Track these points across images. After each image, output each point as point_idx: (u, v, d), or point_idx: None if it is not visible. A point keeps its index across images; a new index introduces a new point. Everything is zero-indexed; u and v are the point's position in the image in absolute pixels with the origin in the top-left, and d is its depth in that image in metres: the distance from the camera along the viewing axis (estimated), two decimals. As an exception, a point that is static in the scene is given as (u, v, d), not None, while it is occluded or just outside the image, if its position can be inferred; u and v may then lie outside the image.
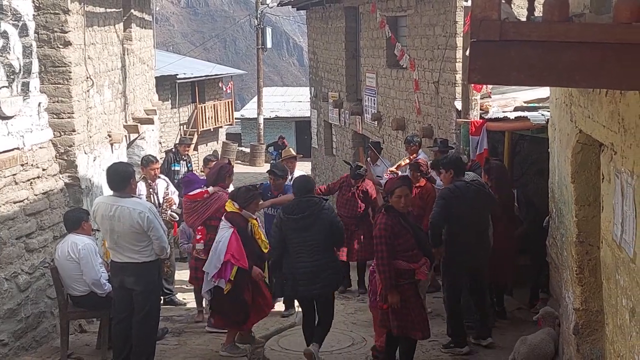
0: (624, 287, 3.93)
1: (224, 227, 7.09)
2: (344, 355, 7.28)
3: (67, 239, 7.19)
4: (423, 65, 12.32)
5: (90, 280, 7.01)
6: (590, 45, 2.52)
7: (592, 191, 5.57)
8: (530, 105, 9.49)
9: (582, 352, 5.59)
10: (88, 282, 7.03)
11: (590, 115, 4.82)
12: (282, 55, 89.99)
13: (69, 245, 7.08)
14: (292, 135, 35.46)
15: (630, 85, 2.79)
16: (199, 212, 7.97)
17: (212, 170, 8.53)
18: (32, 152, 7.68)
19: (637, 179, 3.54)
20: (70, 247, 7.06)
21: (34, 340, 7.43)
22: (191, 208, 8.04)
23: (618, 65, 2.53)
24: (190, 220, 8.11)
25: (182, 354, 7.53)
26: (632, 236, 3.67)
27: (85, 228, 7.23)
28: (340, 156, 19.33)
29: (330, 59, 19.28)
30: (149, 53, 15.19)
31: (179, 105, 29.15)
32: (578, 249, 5.67)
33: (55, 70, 8.43)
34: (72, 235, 7.19)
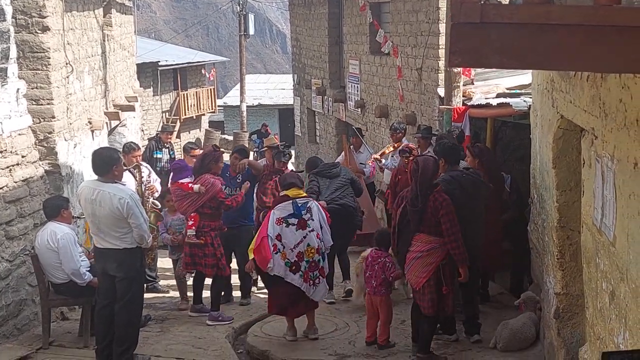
0: (604, 270, 3.96)
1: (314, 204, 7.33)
2: (328, 341, 7.29)
3: (47, 227, 7.13)
4: (406, 52, 12.31)
5: (70, 271, 6.97)
6: (571, 28, 2.51)
7: (573, 176, 5.60)
8: (512, 91, 9.51)
9: (563, 336, 5.63)
10: (67, 272, 6.99)
11: (571, 100, 4.83)
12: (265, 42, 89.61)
13: (48, 234, 7.02)
14: (275, 123, 35.37)
15: (611, 68, 2.79)
16: (192, 199, 7.92)
17: (197, 159, 8.48)
18: (10, 138, 7.60)
19: (618, 164, 3.56)
20: (50, 235, 7.01)
21: (15, 328, 7.38)
22: (182, 195, 8.00)
23: (599, 48, 2.52)
24: (182, 207, 8.05)
25: (165, 340, 7.52)
26: (612, 220, 3.69)
27: (65, 216, 7.17)
28: (323, 144, 19.31)
29: (314, 46, 19.23)
30: (130, 39, 15.07)
31: (161, 93, 28.97)
32: (559, 234, 5.71)
33: (33, 56, 8.34)
34: (52, 223, 7.13)
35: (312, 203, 7.30)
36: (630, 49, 2.49)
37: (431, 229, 6.29)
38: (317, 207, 7.30)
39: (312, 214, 7.16)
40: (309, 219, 7.13)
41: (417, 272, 6.34)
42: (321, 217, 7.26)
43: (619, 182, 3.55)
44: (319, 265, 7.13)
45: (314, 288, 7.13)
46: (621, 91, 3.41)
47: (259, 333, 7.72)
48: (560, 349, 5.62)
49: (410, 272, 6.41)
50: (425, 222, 6.29)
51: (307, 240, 7.07)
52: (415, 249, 6.34)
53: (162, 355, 6.96)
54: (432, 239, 6.30)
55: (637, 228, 3.24)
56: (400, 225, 6.49)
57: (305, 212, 7.15)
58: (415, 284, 6.40)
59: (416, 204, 6.28)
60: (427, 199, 6.26)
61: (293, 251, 7.03)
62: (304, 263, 7.06)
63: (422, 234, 6.32)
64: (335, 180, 8.49)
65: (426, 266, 6.30)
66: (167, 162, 12.90)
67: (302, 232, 7.08)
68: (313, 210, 7.21)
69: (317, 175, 8.58)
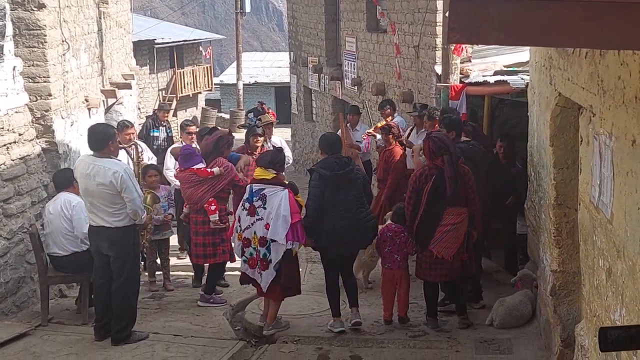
0: (600, 248, 3.98)
1: (273, 191, 6.78)
2: (324, 318, 7.32)
3: (59, 197, 7.26)
4: (403, 29, 12.25)
5: (82, 235, 7.03)
6: (570, 4, 2.50)
7: (570, 154, 5.61)
8: (510, 69, 9.48)
9: (559, 313, 5.67)
10: (80, 237, 7.08)
11: (569, 77, 4.82)
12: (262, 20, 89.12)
13: (62, 202, 7.16)
14: (271, 101, 35.27)
15: (610, 45, 2.79)
16: (211, 184, 7.79)
17: (208, 142, 8.13)
18: (7, 116, 7.58)
19: (616, 141, 3.56)
20: (64, 203, 7.15)
21: (14, 305, 7.41)
22: (197, 181, 7.80)
23: (598, 24, 2.51)
24: (197, 193, 7.80)
25: (163, 317, 7.55)
26: (610, 197, 3.70)
27: (75, 187, 7.18)
28: (320, 122, 19.28)
29: (310, 23, 19.12)
30: (126, 17, 14.97)
31: (157, 71, 28.82)
32: (556, 212, 5.73)
33: (29, 34, 8.29)
34: (64, 193, 7.26)
35: (272, 190, 6.77)
36: (629, 25, 2.48)
37: (460, 201, 6.58)
38: (280, 196, 6.72)
39: (265, 202, 6.76)
40: (260, 206, 6.77)
41: (449, 243, 6.60)
42: (282, 208, 6.68)
43: (616, 159, 3.56)
44: (259, 256, 6.80)
45: (260, 277, 6.86)
46: (620, 68, 3.40)
47: (257, 310, 7.75)
48: (557, 326, 5.66)
49: (440, 245, 6.62)
50: (456, 195, 6.52)
51: (253, 228, 6.80)
52: (448, 222, 6.58)
53: (160, 332, 7.00)
54: (461, 210, 6.60)
55: (634, 205, 3.25)
56: (430, 202, 6.55)
57: (257, 198, 6.80)
58: (446, 255, 6.63)
59: (457, 180, 6.51)
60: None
61: (242, 235, 6.90)
62: (249, 249, 6.85)
63: (452, 207, 6.55)
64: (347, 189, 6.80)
65: (458, 237, 6.61)
66: (164, 140, 12.89)
67: (251, 218, 6.82)
68: (268, 198, 6.75)
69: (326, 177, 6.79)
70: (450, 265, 6.69)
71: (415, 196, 6.66)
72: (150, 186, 8.56)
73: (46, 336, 6.82)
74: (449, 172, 6.51)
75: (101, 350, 6.51)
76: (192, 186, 7.84)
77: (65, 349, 6.53)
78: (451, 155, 6.57)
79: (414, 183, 6.68)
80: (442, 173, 6.52)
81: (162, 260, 8.86)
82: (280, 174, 6.98)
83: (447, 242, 6.61)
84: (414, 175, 6.78)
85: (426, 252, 6.72)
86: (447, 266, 6.69)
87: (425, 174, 6.63)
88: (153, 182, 8.60)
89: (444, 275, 6.80)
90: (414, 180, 6.70)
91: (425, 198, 6.58)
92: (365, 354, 6.47)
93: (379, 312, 7.43)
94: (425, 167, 6.73)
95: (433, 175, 6.56)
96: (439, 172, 6.54)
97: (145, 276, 8.55)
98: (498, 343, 6.53)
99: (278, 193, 6.77)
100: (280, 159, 7.01)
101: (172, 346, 6.64)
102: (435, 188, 6.52)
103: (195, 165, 7.85)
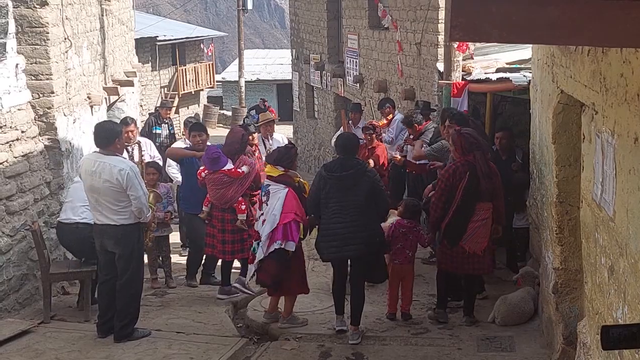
0: (603, 245, 3.98)
1: (276, 189, 6.85)
2: (327, 316, 7.33)
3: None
4: (405, 27, 12.24)
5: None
6: (572, 1, 2.50)
7: (572, 152, 5.61)
8: (512, 66, 9.48)
9: (561, 311, 5.67)
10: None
11: (572, 75, 4.82)
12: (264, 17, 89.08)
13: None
14: (273, 99, 35.27)
15: (613, 42, 2.78)
16: (240, 183, 7.77)
17: (233, 139, 7.97)
18: (10, 114, 7.58)
19: (618, 139, 3.56)
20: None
21: (17, 302, 7.42)
22: (228, 182, 7.74)
23: (600, 22, 2.51)
24: (228, 194, 7.74)
25: (165, 315, 7.57)
26: (612, 195, 3.70)
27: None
28: (322, 119, 19.27)
29: (312, 21, 19.11)
30: (128, 14, 14.98)
31: (159, 68, 28.85)
32: (558, 209, 5.72)
33: (32, 31, 8.28)
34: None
35: (275, 188, 6.85)
36: (631, 23, 2.48)
37: (487, 196, 6.65)
38: (280, 195, 6.79)
39: (268, 199, 6.88)
40: (264, 202, 6.92)
41: (480, 238, 6.68)
42: (276, 207, 6.74)
43: (619, 157, 3.55)
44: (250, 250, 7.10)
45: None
46: (622, 66, 3.40)
47: (259, 307, 7.77)
48: (559, 324, 5.66)
49: (471, 240, 6.67)
50: (489, 191, 6.65)
51: (260, 221, 6.97)
52: (479, 217, 6.65)
53: (162, 329, 7.01)
54: (489, 204, 6.68)
55: (637, 203, 3.25)
56: (464, 198, 6.58)
57: (264, 194, 6.97)
58: (477, 249, 6.69)
59: (491, 176, 6.63)
60: None
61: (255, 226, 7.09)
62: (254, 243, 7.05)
63: (483, 202, 6.63)
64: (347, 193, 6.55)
65: (487, 230, 6.71)
66: (166, 137, 12.93)
67: (259, 212, 7.04)
68: (271, 195, 6.85)
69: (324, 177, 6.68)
70: (482, 259, 6.77)
71: (449, 192, 6.66)
72: (149, 184, 8.54)
73: (49, 333, 6.83)
74: (483, 168, 6.60)
75: (103, 347, 6.52)
76: (223, 187, 7.77)
77: (67, 346, 6.54)
78: (483, 151, 6.66)
79: (448, 180, 6.64)
80: (475, 169, 6.57)
81: (163, 258, 8.87)
82: (289, 171, 6.97)
83: (478, 237, 6.68)
84: (447, 172, 6.72)
85: (456, 248, 6.72)
86: (478, 260, 6.75)
87: (459, 170, 6.63)
88: (151, 180, 8.58)
89: (477, 269, 6.89)
90: (448, 177, 6.66)
91: (460, 194, 6.59)
92: (367, 352, 6.48)
93: (381, 309, 7.45)
94: (456, 164, 6.71)
95: (467, 171, 6.59)
96: (472, 168, 6.58)
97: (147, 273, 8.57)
98: (500, 340, 6.53)
99: (280, 191, 6.82)
100: (288, 155, 7.02)
101: (175, 343, 6.65)
102: (470, 184, 6.57)
103: (225, 167, 7.76)
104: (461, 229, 6.66)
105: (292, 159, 7.05)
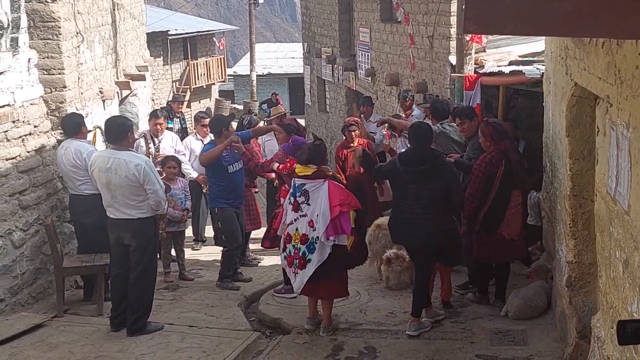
0: (617, 239, 3.95)
1: (315, 186, 6.55)
2: (339, 309, 7.32)
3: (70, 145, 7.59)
4: (417, 20, 12.19)
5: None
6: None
7: (586, 145, 5.56)
8: (525, 59, 9.42)
9: (575, 305, 5.64)
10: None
11: (586, 67, 4.78)
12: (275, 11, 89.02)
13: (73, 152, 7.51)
14: (285, 92, 35.27)
15: (628, 34, 2.75)
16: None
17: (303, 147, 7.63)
18: (23, 108, 7.61)
19: (633, 131, 3.53)
20: (75, 153, 7.50)
21: (30, 296, 7.46)
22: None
23: (615, 14, 2.48)
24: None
25: (177, 308, 7.59)
26: (627, 188, 3.66)
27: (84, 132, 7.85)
28: (333, 113, 19.25)
29: (323, 14, 19.08)
30: (140, 8, 15.00)
31: (171, 62, 28.89)
32: (572, 203, 5.69)
33: (44, 26, 8.30)
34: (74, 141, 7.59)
35: (314, 185, 6.56)
36: (648, 15, 2.45)
37: (519, 183, 6.79)
38: (321, 191, 6.52)
39: (308, 198, 6.58)
40: (303, 202, 6.58)
41: (515, 223, 6.77)
42: (322, 204, 6.45)
43: (634, 150, 3.52)
44: (299, 255, 6.58)
45: (295, 276, 6.66)
46: (637, 58, 3.36)
47: (271, 301, 7.78)
48: (572, 318, 5.63)
49: (508, 227, 6.73)
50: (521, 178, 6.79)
51: (296, 224, 6.62)
52: (514, 204, 6.73)
53: (174, 323, 7.03)
54: (519, 191, 6.79)
55: (652, 196, 3.22)
56: (502, 186, 6.66)
57: (300, 194, 6.61)
58: (513, 234, 6.76)
59: (523, 162, 6.85)
60: None
61: (286, 230, 6.72)
62: (290, 246, 6.66)
63: (516, 189, 6.73)
64: (423, 186, 6.47)
65: (520, 216, 6.82)
66: (177, 131, 12.95)
67: (295, 214, 6.64)
68: (311, 194, 6.56)
69: (399, 170, 6.59)
70: (517, 244, 6.84)
71: (486, 181, 6.68)
72: (168, 177, 8.62)
73: (62, 327, 6.87)
74: (515, 155, 6.73)
75: (117, 340, 6.55)
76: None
77: (81, 339, 6.58)
78: (511, 139, 6.83)
79: (485, 169, 6.67)
80: (508, 156, 6.66)
81: (177, 252, 8.92)
82: (321, 167, 6.72)
83: (514, 222, 6.76)
84: (483, 162, 6.71)
85: (494, 236, 6.74)
86: (514, 245, 6.81)
87: (495, 159, 6.67)
88: (171, 174, 8.66)
89: (511, 255, 7.03)
90: (485, 166, 6.67)
91: (497, 182, 6.65)
92: (380, 345, 6.47)
93: (393, 303, 7.45)
94: (491, 153, 6.73)
95: (502, 159, 6.64)
96: (506, 156, 6.66)
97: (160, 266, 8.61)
98: (513, 334, 6.51)
99: (320, 187, 6.55)
100: (318, 153, 6.74)
101: (187, 337, 6.67)
102: (507, 171, 6.64)
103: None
104: (500, 217, 6.71)
105: (323, 155, 6.81)
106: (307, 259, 6.53)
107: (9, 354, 6.23)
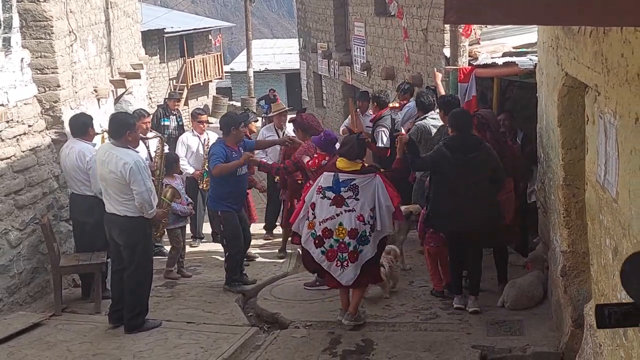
0: (607, 227, 3.96)
1: (365, 181, 6.48)
2: (337, 303, 7.31)
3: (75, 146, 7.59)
4: (411, 13, 12.19)
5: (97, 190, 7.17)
6: (568, -19, 2.48)
7: (578, 134, 5.58)
8: (518, 50, 9.42)
9: (569, 294, 5.65)
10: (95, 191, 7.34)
11: (575, 57, 4.79)
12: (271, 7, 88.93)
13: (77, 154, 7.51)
14: (282, 88, 35.21)
15: (611, 22, 2.76)
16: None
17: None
18: (17, 108, 7.62)
19: (620, 119, 3.54)
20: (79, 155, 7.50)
21: (28, 295, 7.48)
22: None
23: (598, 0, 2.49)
24: None
25: (175, 305, 7.61)
26: (615, 176, 3.68)
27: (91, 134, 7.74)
28: (330, 108, 19.25)
29: (319, 9, 19.07)
30: (134, 6, 14.98)
31: (167, 60, 28.86)
32: (565, 192, 5.70)
33: (36, 25, 8.30)
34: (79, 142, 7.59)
35: (364, 180, 6.48)
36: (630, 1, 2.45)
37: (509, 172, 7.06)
38: (374, 185, 6.46)
39: (357, 193, 6.46)
40: (350, 197, 6.44)
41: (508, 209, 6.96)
42: (382, 197, 6.46)
43: (621, 138, 3.53)
44: (348, 249, 6.46)
45: (342, 270, 6.52)
46: (622, 46, 3.37)
47: (269, 296, 7.79)
48: (567, 307, 5.65)
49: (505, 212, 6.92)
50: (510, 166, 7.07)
51: (339, 219, 6.46)
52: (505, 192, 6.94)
53: (172, 320, 7.06)
54: (511, 178, 7.09)
55: (639, 184, 3.23)
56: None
57: (347, 189, 6.46)
58: (507, 219, 6.97)
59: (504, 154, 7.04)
60: None
61: (321, 225, 6.51)
62: (330, 241, 6.49)
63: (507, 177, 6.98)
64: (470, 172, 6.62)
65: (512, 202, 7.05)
66: (174, 129, 12.92)
67: (337, 209, 6.47)
68: (361, 188, 6.45)
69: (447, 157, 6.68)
70: (511, 229, 7.10)
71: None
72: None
73: (60, 325, 6.90)
74: (495, 148, 6.84)
75: (114, 338, 6.57)
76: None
77: (79, 337, 6.60)
78: (492, 132, 6.99)
79: None
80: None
81: None
82: (364, 161, 6.77)
83: (507, 208, 6.93)
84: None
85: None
86: (507, 229, 7.02)
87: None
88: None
89: (507, 240, 7.31)
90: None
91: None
92: (377, 338, 6.48)
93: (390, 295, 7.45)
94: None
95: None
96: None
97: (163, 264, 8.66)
98: (509, 324, 6.53)
99: (371, 182, 6.49)
100: (363, 147, 6.81)
101: (185, 333, 6.69)
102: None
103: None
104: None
105: (365, 149, 6.94)
106: (359, 250, 6.50)
107: (7, 353, 6.26)
